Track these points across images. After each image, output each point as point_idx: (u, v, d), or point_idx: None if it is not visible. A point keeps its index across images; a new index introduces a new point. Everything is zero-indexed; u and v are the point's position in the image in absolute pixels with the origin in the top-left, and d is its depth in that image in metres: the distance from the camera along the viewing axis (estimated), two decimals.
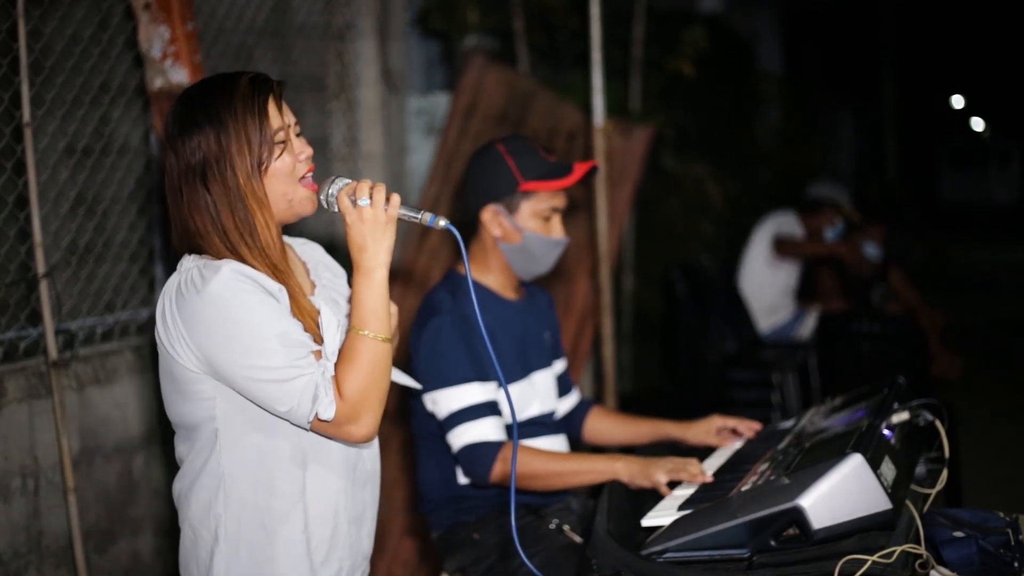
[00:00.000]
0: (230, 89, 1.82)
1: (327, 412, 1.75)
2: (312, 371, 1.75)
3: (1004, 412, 6.32)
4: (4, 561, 2.76)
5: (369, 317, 1.79)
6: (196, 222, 1.82)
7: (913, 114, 18.67)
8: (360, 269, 1.81)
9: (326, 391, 1.75)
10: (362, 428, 1.79)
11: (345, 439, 1.82)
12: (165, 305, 1.80)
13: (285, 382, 1.73)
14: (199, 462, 1.85)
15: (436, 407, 2.51)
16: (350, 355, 1.78)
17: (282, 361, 1.73)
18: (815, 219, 5.96)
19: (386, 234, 1.81)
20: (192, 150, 1.80)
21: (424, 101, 4.75)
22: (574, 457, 2.52)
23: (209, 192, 1.80)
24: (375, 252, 1.80)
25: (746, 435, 2.63)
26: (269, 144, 1.82)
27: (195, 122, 1.81)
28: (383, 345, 1.80)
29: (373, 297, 1.80)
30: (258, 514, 1.84)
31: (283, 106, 1.87)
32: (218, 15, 3.68)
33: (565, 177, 2.57)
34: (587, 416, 2.83)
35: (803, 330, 5.84)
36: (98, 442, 3.10)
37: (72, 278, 3.16)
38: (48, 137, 3.07)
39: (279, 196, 1.84)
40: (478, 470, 2.45)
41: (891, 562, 1.72)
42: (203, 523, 1.85)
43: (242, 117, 1.80)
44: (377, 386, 1.80)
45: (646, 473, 2.35)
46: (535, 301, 2.77)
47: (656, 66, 5.63)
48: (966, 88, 23.65)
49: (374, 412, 1.80)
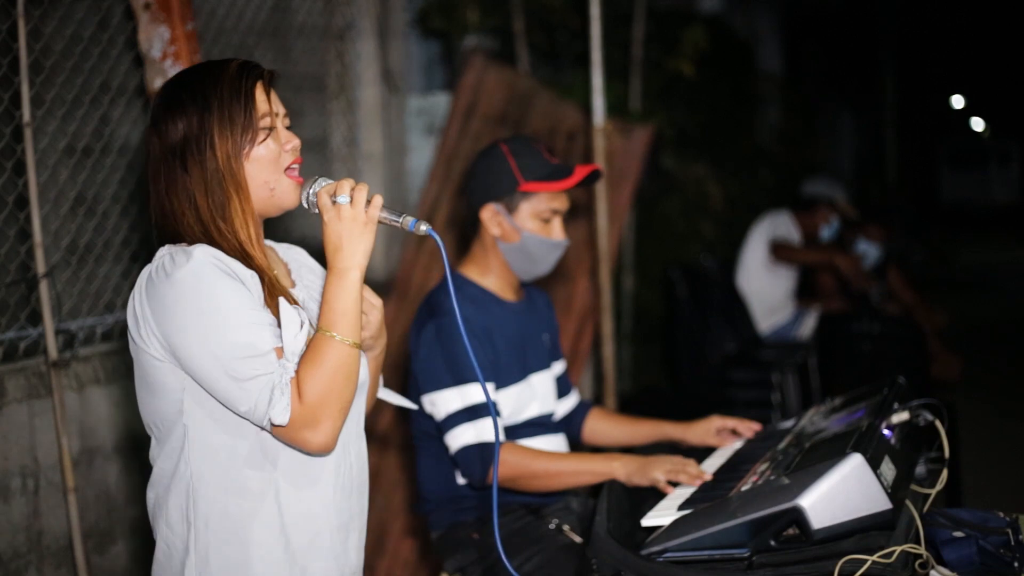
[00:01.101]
0: (218, 72, 1.79)
1: (281, 416, 1.67)
2: (271, 371, 1.68)
3: (1004, 412, 6.32)
4: (4, 561, 2.76)
5: (338, 319, 1.72)
6: (172, 203, 1.77)
7: (913, 114, 18.66)
8: (333, 269, 1.74)
9: (282, 393, 1.67)
10: (319, 436, 1.69)
11: (301, 446, 1.72)
12: (135, 293, 1.76)
13: (243, 380, 1.66)
14: (170, 465, 1.78)
15: (434, 408, 2.51)
16: (315, 357, 1.70)
17: (241, 356, 1.66)
18: (810, 217, 5.96)
19: (364, 235, 1.74)
20: (173, 130, 1.76)
21: (424, 101, 4.75)
22: (572, 457, 2.53)
23: (187, 172, 1.75)
24: (351, 252, 1.74)
25: (745, 436, 2.63)
26: (253, 128, 1.77)
27: (180, 102, 1.77)
28: (351, 350, 1.72)
29: (344, 298, 1.73)
30: (228, 519, 1.76)
31: (272, 95, 1.83)
32: (218, 15, 3.68)
33: (566, 179, 2.57)
34: (587, 417, 2.83)
35: (803, 330, 5.84)
36: (98, 442, 3.09)
37: (72, 278, 3.16)
38: (48, 137, 3.07)
39: (260, 184, 1.79)
40: (475, 471, 2.45)
41: (891, 562, 1.72)
42: (177, 533, 1.78)
43: (228, 98, 1.76)
44: (340, 392, 1.71)
45: (644, 472, 2.35)
46: (535, 303, 2.77)
47: (656, 66, 5.63)
48: (966, 88, 23.64)
49: (334, 420, 1.70)
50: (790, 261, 5.80)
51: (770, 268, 5.82)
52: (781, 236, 5.82)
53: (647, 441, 2.78)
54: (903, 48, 16.41)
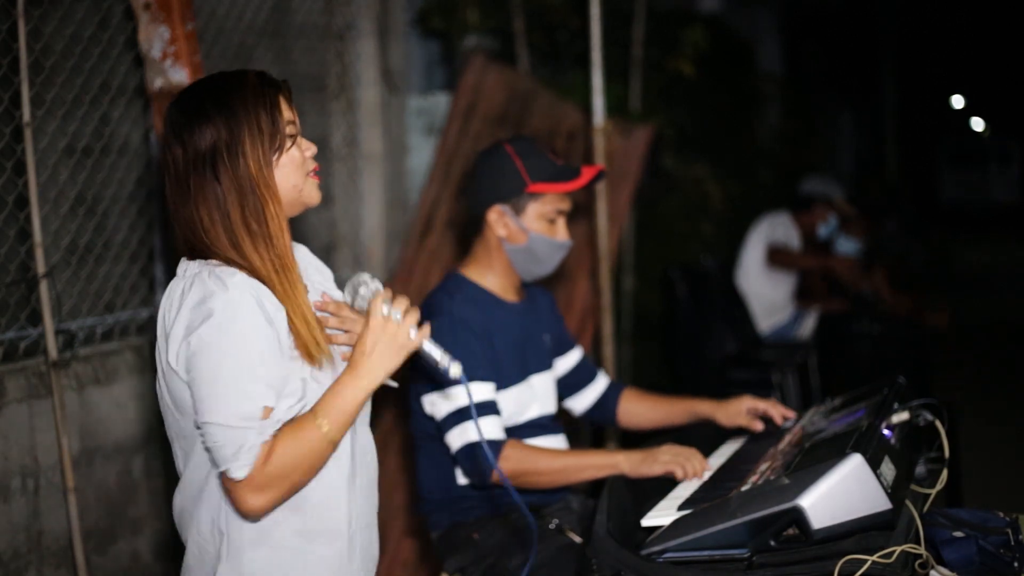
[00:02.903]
0: (239, 82, 1.82)
1: (238, 472, 1.69)
2: (249, 428, 1.69)
3: (1004, 412, 6.32)
4: (4, 561, 2.76)
5: (335, 414, 1.75)
6: (202, 214, 1.78)
7: (913, 114, 18.67)
8: (355, 371, 1.77)
9: (248, 452, 1.69)
10: (259, 501, 1.71)
11: (235, 503, 1.73)
12: (168, 309, 1.77)
13: (219, 424, 1.69)
14: (200, 476, 1.81)
15: (435, 408, 2.51)
16: (298, 434, 1.73)
17: (229, 403, 1.69)
18: (808, 216, 5.98)
19: (398, 356, 1.79)
20: (201, 139, 1.77)
21: (424, 101, 4.75)
22: (575, 453, 2.54)
23: (219, 182, 1.77)
24: (379, 365, 1.77)
25: (777, 421, 2.64)
26: (282, 134, 1.81)
27: (204, 112, 1.78)
28: (329, 445, 1.75)
29: (351, 400, 1.76)
30: (258, 528, 1.79)
31: (291, 105, 1.87)
32: (218, 15, 3.68)
33: (573, 180, 2.57)
34: (620, 399, 2.84)
35: (803, 330, 5.84)
36: (98, 442, 3.09)
37: (72, 278, 3.16)
38: (48, 137, 3.07)
39: (289, 188, 1.83)
40: (478, 469, 2.45)
41: (891, 562, 1.72)
42: (209, 540, 1.81)
43: (254, 106, 1.79)
44: (300, 475, 1.74)
45: (648, 463, 2.37)
46: (536, 303, 2.77)
47: (656, 66, 5.62)
48: (966, 88, 23.64)
49: (281, 495, 1.73)
50: (786, 267, 5.81)
51: (769, 270, 5.82)
52: (779, 239, 5.83)
53: (681, 421, 2.79)
54: (903, 48, 16.42)
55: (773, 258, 5.76)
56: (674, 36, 5.62)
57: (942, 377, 6.22)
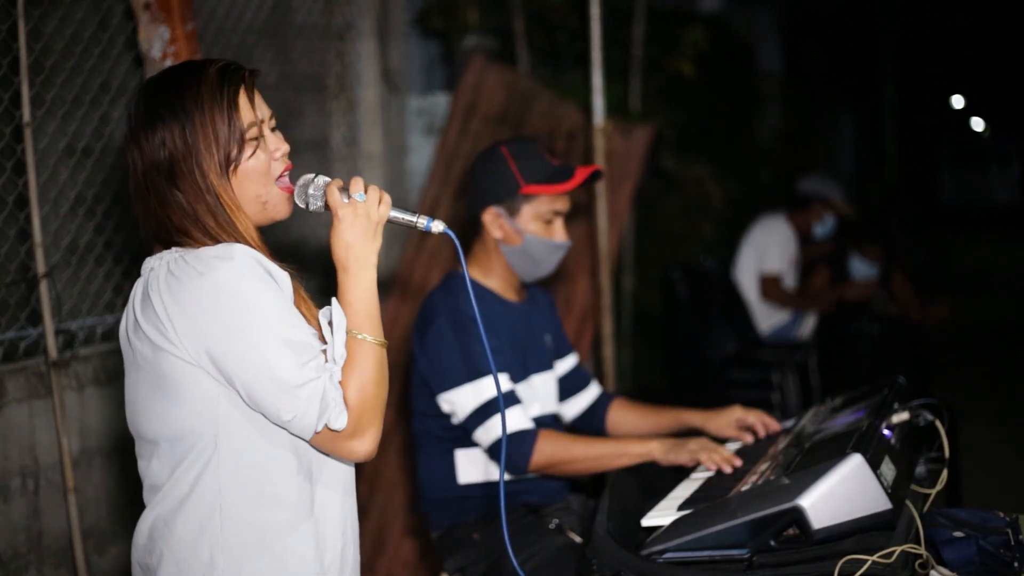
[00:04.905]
0: (196, 79, 1.67)
1: (338, 421, 1.60)
2: (321, 376, 1.60)
3: (1004, 412, 6.33)
4: (4, 561, 2.76)
5: (364, 321, 1.67)
6: (173, 220, 1.67)
7: (913, 114, 18.67)
8: (349, 270, 1.68)
9: (336, 399, 1.60)
10: (365, 444, 1.64)
11: (346, 456, 1.66)
12: (152, 295, 1.63)
13: (293, 386, 1.58)
14: (187, 481, 1.66)
15: (454, 407, 2.50)
16: (350, 361, 1.64)
17: (290, 363, 1.58)
18: (804, 216, 5.98)
19: (377, 235, 1.70)
20: (156, 147, 1.65)
21: (424, 101, 4.75)
22: (609, 441, 2.56)
23: (180, 191, 1.65)
24: (368, 252, 1.69)
25: (760, 435, 2.62)
26: (239, 141, 1.66)
27: (157, 115, 1.65)
28: (382, 350, 1.67)
29: (366, 299, 1.68)
30: (262, 532, 1.66)
31: (256, 98, 1.72)
32: (218, 15, 3.68)
33: (567, 181, 2.56)
34: (609, 408, 2.84)
35: (803, 330, 5.84)
36: (98, 442, 3.09)
37: (72, 278, 3.16)
38: (48, 137, 3.07)
39: (251, 198, 1.70)
40: (516, 460, 2.45)
41: (891, 562, 1.72)
42: (192, 551, 1.65)
43: (210, 108, 1.64)
44: (380, 396, 1.66)
45: (677, 451, 2.41)
46: (537, 303, 2.77)
47: (656, 66, 5.63)
48: (966, 88, 23.64)
49: (377, 426, 1.66)
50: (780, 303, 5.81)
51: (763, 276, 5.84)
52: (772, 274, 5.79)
53: (670, 430, 2.79)
54: (903, 48, 16.42)
55: (766, 293, 5.77)
56: (674, 36, 5.63)
57: (942, 377, 6.21)
